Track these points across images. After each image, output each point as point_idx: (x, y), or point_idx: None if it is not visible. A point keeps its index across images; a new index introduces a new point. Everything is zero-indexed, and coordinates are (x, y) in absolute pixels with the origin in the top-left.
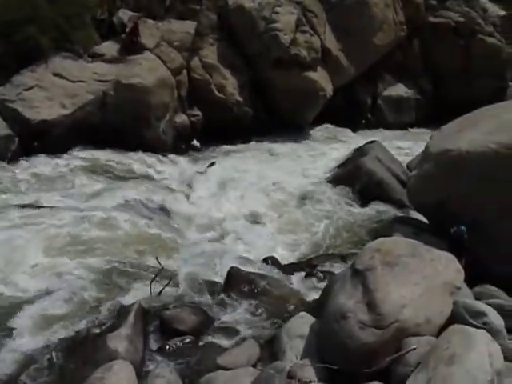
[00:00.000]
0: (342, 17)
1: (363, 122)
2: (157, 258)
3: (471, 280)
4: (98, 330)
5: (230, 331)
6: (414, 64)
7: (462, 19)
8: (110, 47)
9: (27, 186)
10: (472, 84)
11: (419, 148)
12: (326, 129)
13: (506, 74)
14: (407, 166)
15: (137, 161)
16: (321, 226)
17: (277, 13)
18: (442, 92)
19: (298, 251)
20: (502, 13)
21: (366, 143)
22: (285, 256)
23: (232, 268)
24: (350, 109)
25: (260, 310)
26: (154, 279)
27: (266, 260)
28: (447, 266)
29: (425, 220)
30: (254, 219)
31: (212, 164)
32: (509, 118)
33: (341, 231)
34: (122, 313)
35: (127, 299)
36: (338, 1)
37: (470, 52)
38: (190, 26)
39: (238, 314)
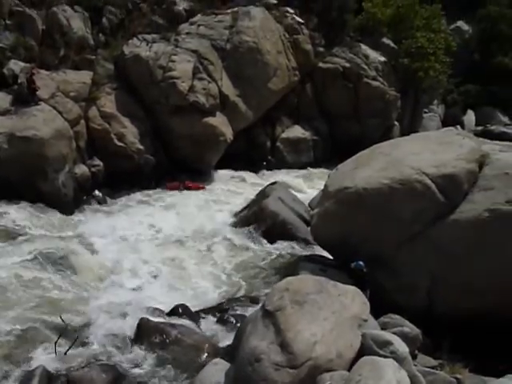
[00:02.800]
0: (238, 64)
1: (264, 163)
2: (60, 317)
3: (376, 311)
4: None
5: None
6: (308, 106)
7: (348, 65)
8: (1, 99)
9: None
10: (363, 124)
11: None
12: (229, 172)
13: (391, 114)
14: (309, 204)
15: (34, 216)
16: (229, 269)
17: (173, 61)
18: (336, 132)
19: (208, 297)
20: (382, 59)
21: (268, 185)
22: (195, 303)
23: (142, 319)
24: (251, 151)
25: (173, 361)
26: (58, 339)
27: (176, 308)
28: (353, 300)
29: (329, 256)
30: (161, 268)
31: None
32: (397, 155)
33: (249, 273)
34: (24, 379)
35: (30, 363)
36: (232, 49)
37: (358, 94)
38: (85, 75)
39: (149, 366)
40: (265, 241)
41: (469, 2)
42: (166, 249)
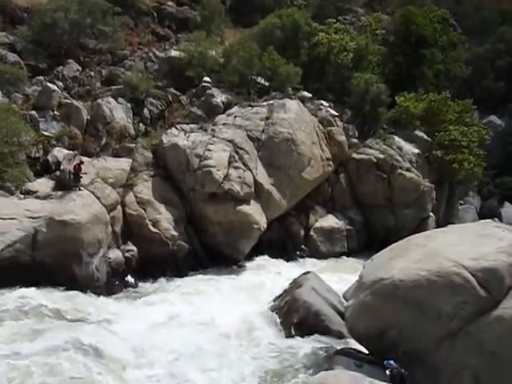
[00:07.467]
0: (272, 154)
1: (298, 252)
2: None
3: None
4: None
5: None
6: (342, 196)
7: (381, 156)
8: (43, 184)
9: None
10: (397, 215)
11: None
12: (262, 260)
13: (426, 205)
14: (343, 295)
15: (66, 301)
16: (261, 361)
17: (210, 150)
18: (370, 222)
19: None
20: (416, 151)
21: (302, 274)
22: None
23: None
24: (285, 240)
25: None
26: None
27: None
28: None
29: (365, 350)
30: (189, 357)
31: None
32: (434, 247)
33: (280, 366)
34: None
35: None
36: (267, 139)
37: (392, 185)
38: (124, 163)
39: None
40: (297, 332)
41: (500, 98)
42: (195, 337)
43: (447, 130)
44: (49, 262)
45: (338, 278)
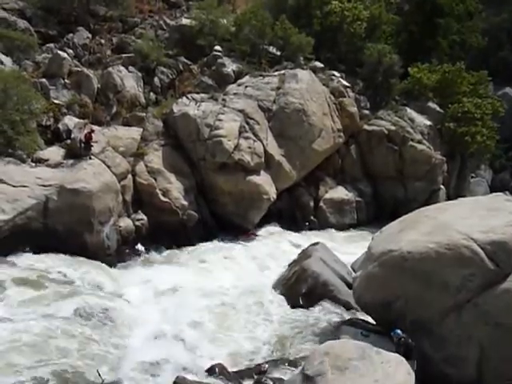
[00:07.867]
0: (283, 124)
1: (307, 223)
2: (97, 371)
3: (424, 382)
4: None
5: None
6: (352, 168)
7: (393, 127)
8: (54, 152)
9: None
10: (408, 187)
11: None
12: (271, 230)
13: (437, 177)
14: (351, 266)
15: (78, 267)
16: (269, 329)
17: (220, 120)
18: (380, 194)
19: (246, 356)
20: (428, 123)
21: (310, 245)
22: (232, 362)
23: (177, 378)
24: (295, 211)
25: None
26: None
27: (212, 368)
28: (397, 369)
29: (372, 320)
30: (200, 325)
31: None
32: (444, 219)
33: (289, 334)
34: None
35: None
36: (278, 109)
37: (403, 157)
38: (135, 132)
39: None
40: (306, 302)
41: None
42: (206, 304)
43: (461, 102)
44: (60, 230)
45: (346, 248)
